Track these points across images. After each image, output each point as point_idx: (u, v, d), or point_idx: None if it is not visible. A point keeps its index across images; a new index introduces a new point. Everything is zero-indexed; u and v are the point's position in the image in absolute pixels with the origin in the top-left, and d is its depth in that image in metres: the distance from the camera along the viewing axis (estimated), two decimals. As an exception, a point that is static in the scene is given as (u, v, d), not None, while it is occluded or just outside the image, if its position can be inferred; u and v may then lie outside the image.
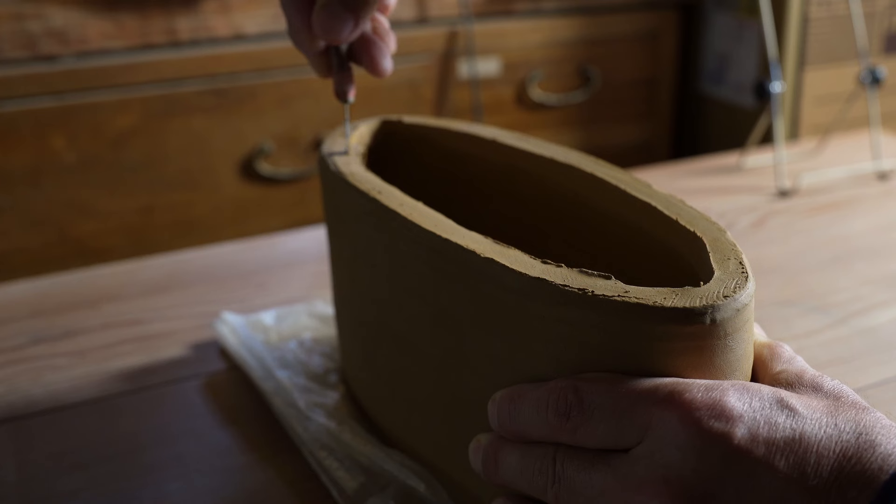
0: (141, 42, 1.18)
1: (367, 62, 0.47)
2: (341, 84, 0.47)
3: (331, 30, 0.43)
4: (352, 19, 0.43)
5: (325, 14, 0.42)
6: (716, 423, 0.31)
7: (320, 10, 0.42)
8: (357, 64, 0.48)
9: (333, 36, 0.43)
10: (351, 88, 0.47)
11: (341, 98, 0.48)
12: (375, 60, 0.47)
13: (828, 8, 1.32)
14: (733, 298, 0.33)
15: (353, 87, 0.48)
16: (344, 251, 0.48)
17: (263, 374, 0.54)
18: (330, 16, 0.42)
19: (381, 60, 0.47)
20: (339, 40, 0.44)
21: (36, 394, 0.55)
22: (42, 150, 1.16)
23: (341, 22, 0.43)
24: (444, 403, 0.42)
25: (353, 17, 0.43)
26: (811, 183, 0.87)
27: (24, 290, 0.69)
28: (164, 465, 0.49)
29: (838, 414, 0.31)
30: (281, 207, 1.31)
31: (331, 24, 0.42)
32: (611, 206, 0.43)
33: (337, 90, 0.47)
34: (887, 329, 0.60)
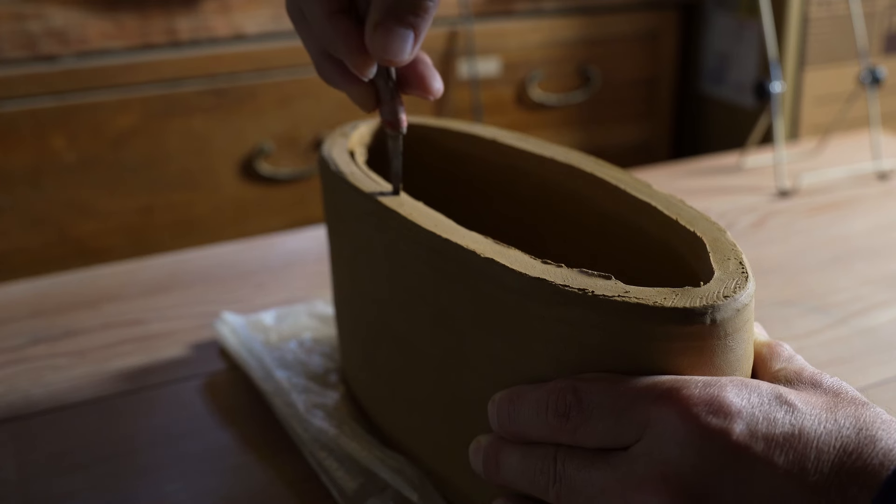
0: (141, 42, 1.18)
1: (416, 83, 0.42)
2: (395, 113, 0.42)
3: (391, 49, 0.37)
4: (411, 35, 0.38)
5: (382, 33, 0.37)
6: (714, 418, 0.31)
7: (375, 31, 0.37)
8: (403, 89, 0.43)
9: (394, 57, 0.37)
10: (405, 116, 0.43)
11: (395, 128, 0.42)
12: (427, 80, 0.42)
13: (828, 8, 1.32)
14: (733, 298, 0.33)
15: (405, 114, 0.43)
16: (344, 251, 0.48)
17: (263, 374, 0.54)
18: (387, 34, 0.37)
19: (433, 80, 0.42)
20: (400, 61, 0.38)
21: (36, 394, 0.55)
22: (42, 150, 1.16)
23: (401, 40, 0.37)
24: (443, 403, 0.42)
25: (412, 32, 0.38)
26: (811, 183, 0.87)
27: (24, 290, 0.69)
28: (164, 465, 0.49)
29: (838, 410, 0.31)
30: (281, 207, 1.31)
31: (390, 44, 0.37)
32: (611, 206, 0.43)
33: (391, 120, 0.42)
34: (887, 329, 0.60)
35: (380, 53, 0.37)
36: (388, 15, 0.37)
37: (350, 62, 0.38)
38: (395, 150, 0.43)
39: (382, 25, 0.37)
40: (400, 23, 0.37)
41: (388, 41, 0.37)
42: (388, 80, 0.41)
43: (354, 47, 0.38)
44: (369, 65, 0.39)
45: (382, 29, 0.37)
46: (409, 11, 0.37)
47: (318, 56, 0.40)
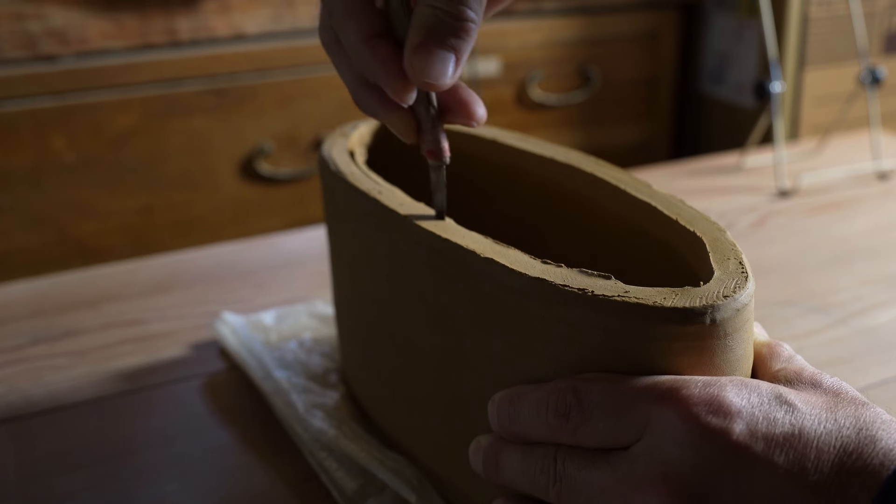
0: (141, 42, 1.18)
1: (458, 109, 0.39)
2: (437, 141, 0.39)
3: (431, 73, 0.35)
4: (453, 58, 0.35)
5: (422, 56, 0.35)
6: (714, 418, 0.31)
7: (415, 54, 0.35)
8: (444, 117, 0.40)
9: (436, 81, 0.35)
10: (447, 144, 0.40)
11: (438, 157, 0.39)
12: (470, 106, 0.39)
13: (828, 8, 1.32)
14: (733, 298, 0.33)
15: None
16: (344, 251, 0.48)
17: (263, 374, 0.54)
18: (428, 57, 0.35)
19: (476, 106, 0.39)
20: (441, 85, 0.35)
21: (36, 394, 0.55)
22: (42, 150, 1.16)
23: (442, 63, 0.35)
24: (443, 403, 0.42)
25: (453, 55, 0.35)
26: (811, 183, 0.87)
27: (24, 290, 0.69)
28: (164, 465, 0.49)
29: (838, 409, 0.31)
30: (281, 207, 1.31)
31: (431, 67, 0.35)
32: (611, 206, 0.43)
33: (433, 150, 0.39)
34: (887, 329, 0.60)
35: (420, 78, 0.35)
36: (427, 37, 0.35)
37: (389, 88, 0.36)
38: (438, 182, 0.40)
39: (422, 48, 0.35)
40: (441, 45, 0.35)
41: (428, 65, 0.35)
42: (429, 106, 0.39)
43: (393, 72, 0.36)
44: (409, 90, 0.36)
45: (422, 52, 0.35)
46: (450, 33, 0.35)
47: (354, 83, 0.38)
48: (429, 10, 0.35)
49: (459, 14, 0.35)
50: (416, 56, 0.35)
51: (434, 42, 0.35)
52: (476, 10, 0.35)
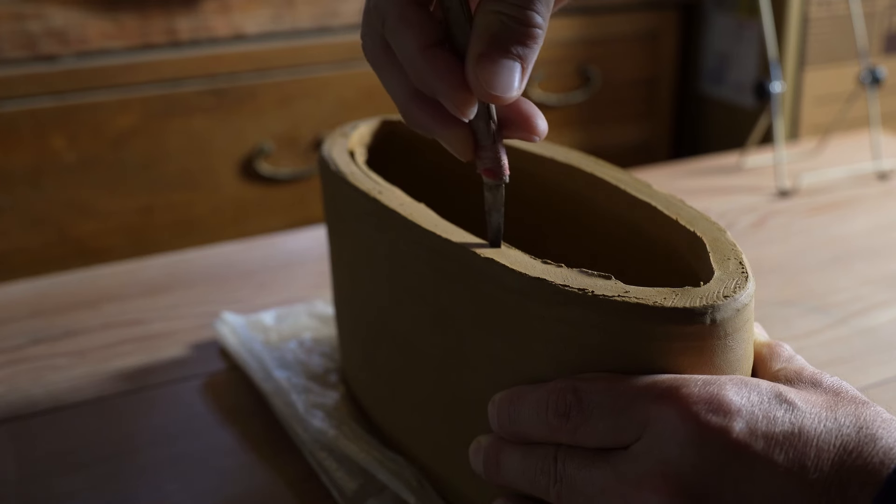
0: (141, 42, 1.18)
1: (518, 123, 0.36)
2: (498, 158, 0.36)
3: (497, 85, 0.32)
4: (519, 67, 0.33)
5: (487, 66, 0.32)
6: (714, 417, 0.31)
7: (478, 63, 0.32)
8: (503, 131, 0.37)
9: (502, 93, 0.32)
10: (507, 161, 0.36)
11: (498, 176, 0.36)
12: (531, 119, 0.35)
13: (828, 8, 1.32)
14: (733, 298, 0.33)
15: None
16: (344, 251, 0.48)
17: (263, 374, 0.54)
18: (493, 67, 0.32)
19: (537, 118, 0.36)
20: (507, 97, 0.33)
21: (36, 394, 0.55)
22: (42, 150, 1.16)
23: (508, 73, 0.32)
24: (443, 403, 0.42)
25: (520, 64, 0.33)
26: (811, 183, 0.87)
27: (24, 290, 0.69)
28: (164, 465, 0.49)
29: (838, 408, 0.31)
30: (281, 207, 1.31)
31: (496, 78, 0.32)
32: (611, 206, 0.43)
33: (493, 168, 0.36)
34: (887, 329, 0.60)
35: (484, 89, 0.32)
36: (491, 45, 0.32)
37: (449, 101, 0.33)
38: (496, 203, 0.37)
39: (486, 57, 0.32)
40: (506, 54, 0.32)
41: (493, 75, 0.32)
42: (489, 120, 0.35)
43: (455, 84, 0.33)
44: (471, 104, 0.33)
45: (486, 61, 0.32)
46: (516, 41, 0.32)
47: (405, 97, 0.35)
48: (492, 15, 0.32)
49: (526, 19, 0.32)
50: (480, 66, 0.32)
51: (499, 51, 0.32)
52: (543, 15, 0.32)
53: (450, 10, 0.33)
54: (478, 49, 0.32)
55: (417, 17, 0.33)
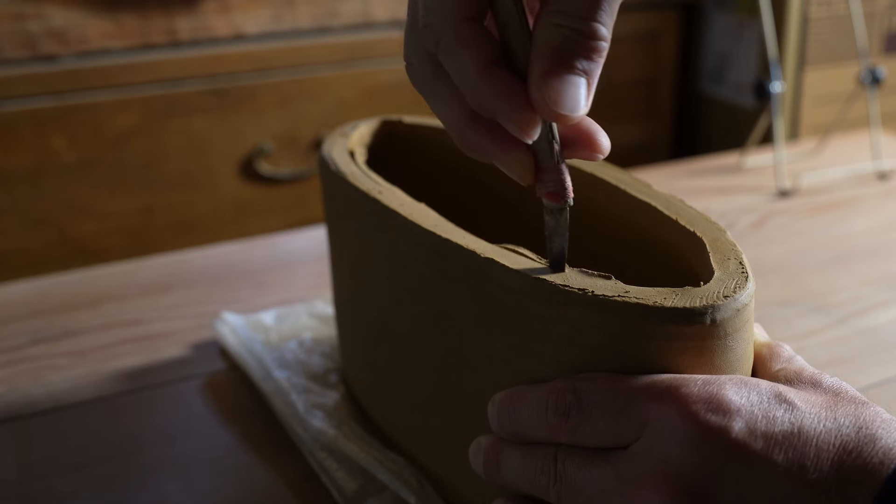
0: (141, 42, 1.18)
1: (580, 141, 0.34)
2: (562, 180, 0.34)
3: (565, 103, 0.30)
4: (585, 83, 0.31)
5: (553, 84, 0.30)
6: (713, 416, 0.31)
7: (543, 82, 0.30)
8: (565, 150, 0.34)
9: (571, 112, 0.30)
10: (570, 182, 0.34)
11: (562, 199, 0.34)
12: (594, 137, 0.33)
13: (828, 8, 1.32)
14: (733, 298, 0.33)
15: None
16: (344, 251, 0.48)
17: (263, 374, 0.54)
18: (560, 84, 0.30)
19: (599, 135, 0.34)
20: (575, 116, 0.31)
21: (36, 394, 0.55)
22: (42, 150, 1.16)
23: (575, 90, 0.30)
24: (443, 404, 0.42)
25: (585, 79, 0.31)
26: (811, 183, 0.87)
27: (24, 290, 0.69)
28: (164, 465, 0.49)
29: (837, 408, 0.31)
30: (281, 207, 1.31)
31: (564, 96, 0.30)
32: (611, 206, 0.43)
33: (557, 191, 0.34)
34: (887, 329, 0.60)
35: (550, 109, 0.30)
36: (555, 62, 0.30)
37: (512, 122, 0.31)
38: (558, 227, 0.35)
39: (551, 75, 0.30)
40: (571, 70, 0.30)
41: (560, 93, 0.30)
42: (552, 141, 0.33)
43: (518, 104, 0.31)
44: (535, 124, 0.31)
45: (551, 79, 0.30)
46: (581, 55, 0.30)
47: (460, 121, 0.33)
48: (554, 29, 0.30)
49: (591, 32, 0.30)
50: (545, 84, 0.30)
51: (563, 67, 0.30)
52: (608, 26, 0.31)
53: (508, 25, 0.31)
54: (541, 66, 0.30)
55: (475, 36, 0.31)
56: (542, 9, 0.31)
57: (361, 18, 1.29)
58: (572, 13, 0.30)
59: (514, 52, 0.31)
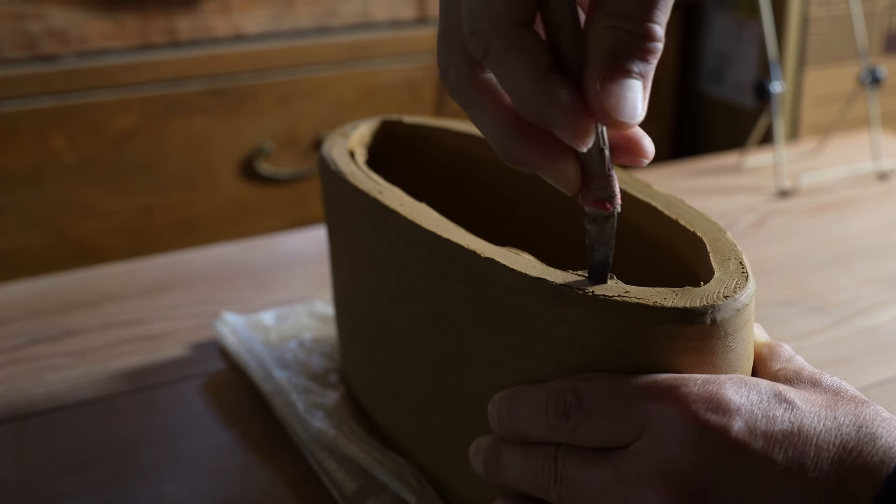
0: (141, 42, 1.18)
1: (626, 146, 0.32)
2: (612, 187, 0.32)
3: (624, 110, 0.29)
4: (641, 87, 0.30)
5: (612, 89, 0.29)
6: (713, 415, 0.31)
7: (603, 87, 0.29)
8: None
9: (630, 118, 0.29)
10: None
11: (612, 206, 0.33)
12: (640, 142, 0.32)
13: (828, 8, 1.32)
14: (733, 298, 0.33)
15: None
16: (344, 251, 0.48)
17: (263, 374, 0.54)
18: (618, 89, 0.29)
19: (644, 140, 0.32)
20: (634, 122, 0.30)
21: (36, 394, 0.55)
22: (42, 150, 1.16)
23: (634, 94, 0.29)
24: (444, 404, 0.42)
25: (642, 82, 0.30)
26: (811, 183, 0.87)
27: (24, 290, 0.69)
28: (164, 465, 0.49)
29: (837, 407, 0.31)
30: (281, 207, 1.31)
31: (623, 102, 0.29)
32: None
33: (607, 198, 0.32)
34: (887, 329, 0.60)
35: (611, 116, 0.29)
36: (611, 66, 0.29)
37: (568, 131, 0.29)
38: (604, 235, 0.34)
39: (609, 79, 0.29)
40: (628, 74, 0.29)
41: (618, 99, 0.29)
42: (602, 148, 0.32)
43: (575, 111, 0.29)
44: (591, 132, 0.30)
45: (609, 84, 0.29)
46: (636, 57, 0.29)
47: (503, 131, 0.32)
48: (609, 31, 0.29)
49: (647, 33, 0.29)
50: (604, 90, 0.29)
51: (620, 71, 0.29)
52: (663, 25, 0.30)
53: (561, 27, 0.30)
54: (598, 71, 0.29)
55: (528, 42, 0.29)
56: (592, 9, 0.30)
57: (361, 18, 1.29)
58: (628, 14, 0.29)
59: (566, 56, 0.30)
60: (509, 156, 0.32)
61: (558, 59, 0.30)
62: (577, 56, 0.30)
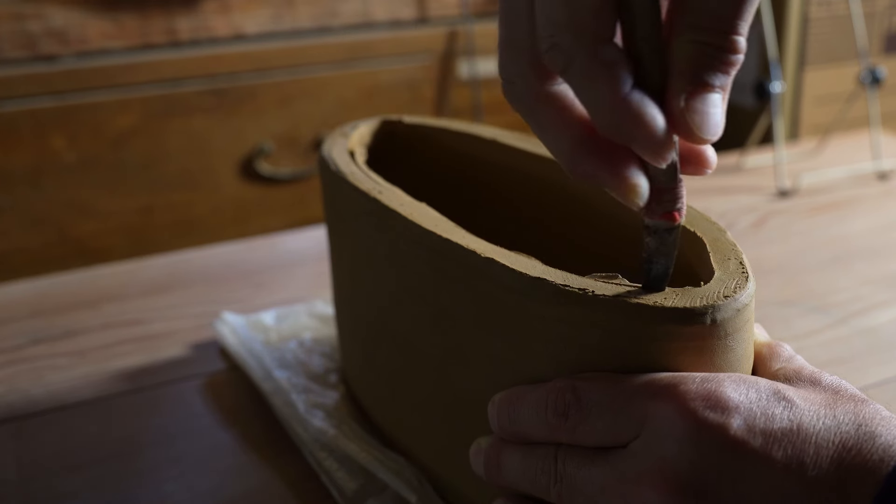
0: (141, 42, 1.18)
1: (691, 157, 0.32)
2: (680, 198, 0.32)
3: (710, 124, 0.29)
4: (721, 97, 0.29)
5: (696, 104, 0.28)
6: (712, 413, 0.30)
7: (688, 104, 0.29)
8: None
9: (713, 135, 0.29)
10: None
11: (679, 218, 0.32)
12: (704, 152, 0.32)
13: (828, 8, 1.32)
14: (734, 298, 0.33)
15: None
16: (344, 251, 0.48)
17: (263, 374, 0.54)
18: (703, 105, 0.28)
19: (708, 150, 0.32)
20: (716, 137, 0.29)
21: (36, 394, 0.55)
22: (42, 150, 1.16)
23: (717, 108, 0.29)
24: (443, 403, 0.42)
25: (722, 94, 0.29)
26: (811, 183, 0.87)
27: (24, 290, 0.69)
28: (164, 466, 0.49)
29: (837, 406, 0.31)
30: (281, 207, 1.31)
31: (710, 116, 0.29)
32: (611, 206, 0.43)
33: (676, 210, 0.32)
34: (887, 329, 0.60)
35: (696, 132, 0.29)
36: (695, 81, 0.28)
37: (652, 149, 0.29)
38: (667, 246, 0.33)
39: (693, 96, 0.28)
40: (711, 89, 0.29)
41: (703, 115, 0.28)
42: (674, 160, 0.31)
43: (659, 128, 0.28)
44: (673, 148, 0.29)
45: (694, 101, 0.28)
46: (718, 70, 0.29)
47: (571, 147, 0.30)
48: (692, 45, 0.29)
49: (732, 46, 0.29)
50: (689, 107, 0.28)
51: (704, 86, 0.29)
52: (746, 36, 0.29)
53: (647, 41, 0.29)
54: (681, 86, 0.29)
55: (613, 58, 0.28)
56: (674, 20, 0.29)
57: (361, 18, 1.29)
58: (714, 28, 0.28)
59: (648, 69, 0.29)
60: (577, 170, 0.31)
61: (639, 71, 0.29)
62: (660, 70, 0.29)
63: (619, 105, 0.28)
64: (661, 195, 0.31)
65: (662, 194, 0.31)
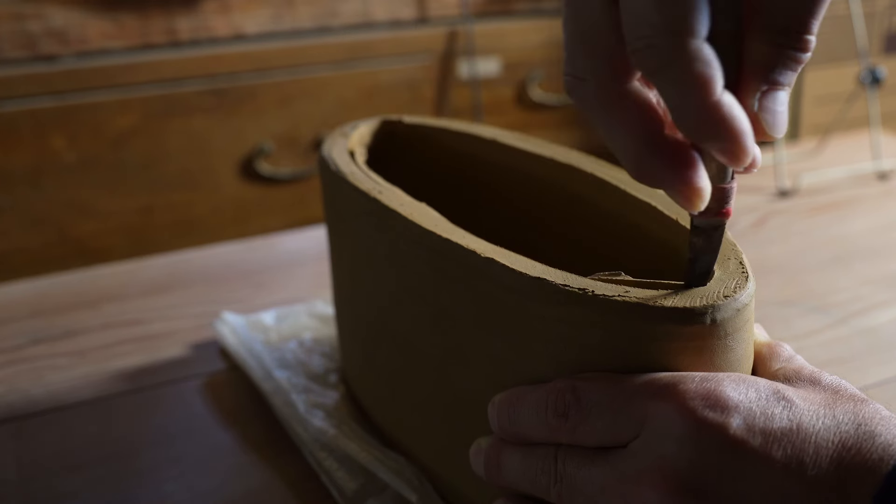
0: (141, 42, 1.18)
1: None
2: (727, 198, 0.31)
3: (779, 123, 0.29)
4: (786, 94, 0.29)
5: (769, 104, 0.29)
6: (711, 413, 0.30)
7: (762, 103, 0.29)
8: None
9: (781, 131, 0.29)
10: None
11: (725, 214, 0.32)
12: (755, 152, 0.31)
13: (828, 8, 1.32)
14: (734, 298, 0.33)
15: None
16: (344, 251, 0.48)
17: (263, 374, 0.54)
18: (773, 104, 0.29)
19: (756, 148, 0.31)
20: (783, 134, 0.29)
21: (36, 394, 0.55)
22: (42, 150, 1.16)
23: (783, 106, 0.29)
24: (443, 404, 0.42)
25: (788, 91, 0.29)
26: (811, 183, 0.87)
27: (24, 290, 0.69)
28: (164, 466, 0.49)
29: (836, 406, 0.31)
30: (281, 207, 1.31)
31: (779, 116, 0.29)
32: (611, 206, 0.43)
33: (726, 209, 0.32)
34: (887, 329, 0.60)
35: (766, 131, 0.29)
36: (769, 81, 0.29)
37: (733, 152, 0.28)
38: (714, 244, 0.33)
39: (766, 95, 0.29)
40: (780, 87, 0.29)
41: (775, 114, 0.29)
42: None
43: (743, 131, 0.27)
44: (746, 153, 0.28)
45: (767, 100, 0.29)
46: (787, 68, 0.29)
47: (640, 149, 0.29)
48: (767, 47, 0.28)
49: (804, 46, 0.29)
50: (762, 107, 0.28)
51: (775, 85, 0.29)
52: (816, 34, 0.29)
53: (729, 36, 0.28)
54: (757, 86, 0.28)
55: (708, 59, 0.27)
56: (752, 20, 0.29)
57: (361, 18, 1.29)
58: (790, 28, 0.28)
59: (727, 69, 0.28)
60: (642, 172, 0.29)
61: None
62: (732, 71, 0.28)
63: (711, 108, 0.27)
64: (718, 194, 0.31)
65: (720, 193, 0.31)
